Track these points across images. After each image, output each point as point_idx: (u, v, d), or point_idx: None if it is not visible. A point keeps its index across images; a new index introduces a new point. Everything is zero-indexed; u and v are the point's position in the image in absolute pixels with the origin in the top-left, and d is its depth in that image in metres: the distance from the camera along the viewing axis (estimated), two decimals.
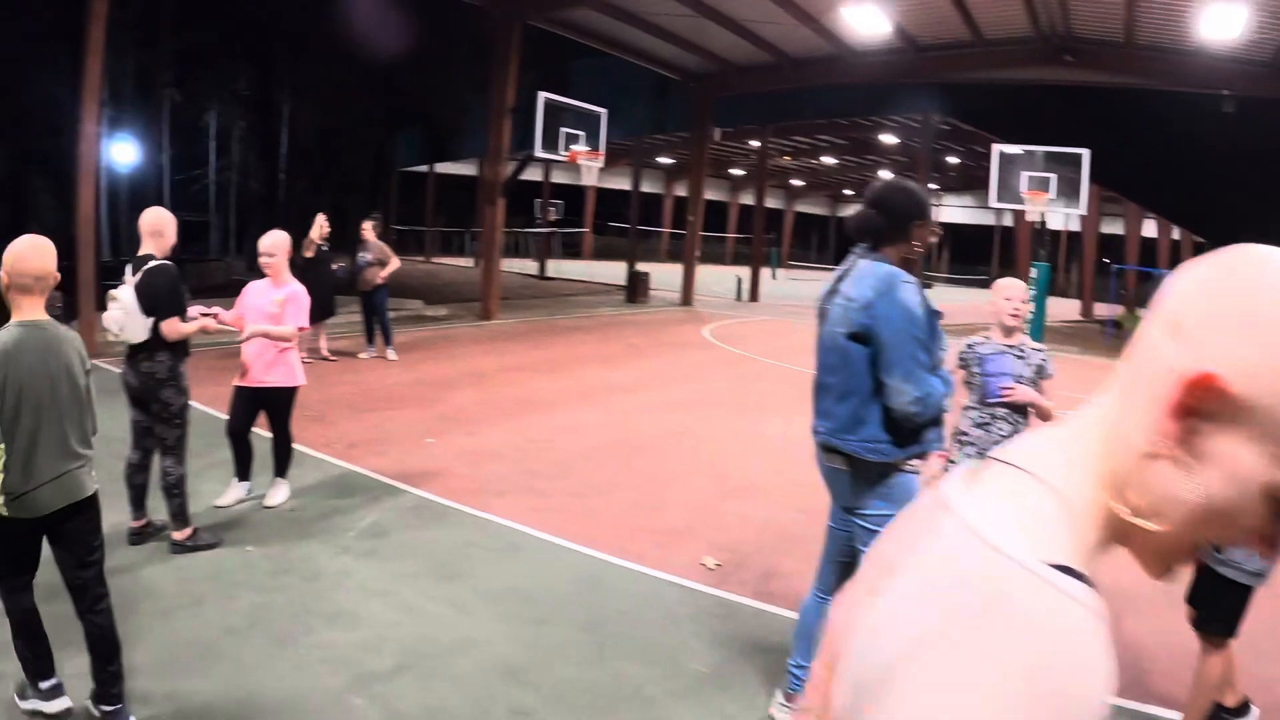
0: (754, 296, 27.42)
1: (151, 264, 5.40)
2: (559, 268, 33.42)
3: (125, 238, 27.72)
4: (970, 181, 41.42)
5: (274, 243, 6.49)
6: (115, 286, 5.49)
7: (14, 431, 3.42)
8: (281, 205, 32.54)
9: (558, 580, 5.37)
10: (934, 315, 3.48)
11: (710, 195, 45.98)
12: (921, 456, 3.60)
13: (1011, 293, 4.64)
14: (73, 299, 14.32)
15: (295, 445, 6.74)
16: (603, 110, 19.14)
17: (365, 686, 4.07)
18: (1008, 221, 40.49)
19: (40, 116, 28.31)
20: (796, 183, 50.96)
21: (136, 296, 5.33)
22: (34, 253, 3.53)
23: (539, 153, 17.52)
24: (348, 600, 4.99)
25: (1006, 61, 19.03)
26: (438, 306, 20.70)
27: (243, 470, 6.59)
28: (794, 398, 11.03)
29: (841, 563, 3.77)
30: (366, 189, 33.10)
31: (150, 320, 5.35)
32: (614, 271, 32.86)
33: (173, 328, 5.37)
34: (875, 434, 3.50)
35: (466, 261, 38.54)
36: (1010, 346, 4.62)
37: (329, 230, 12.49)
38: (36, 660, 3.59)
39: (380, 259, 12.99)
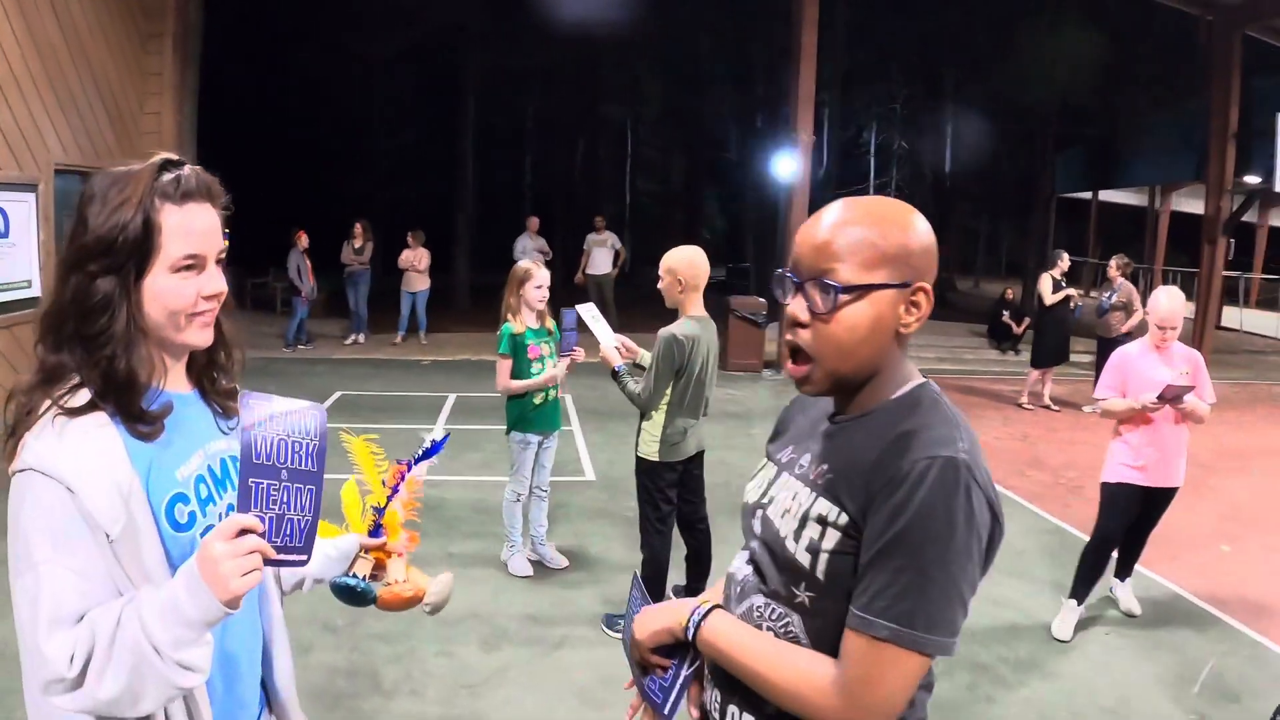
0: None
1: None
2: (1236, 318, 29.12)
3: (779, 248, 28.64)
4: None
5: (1173, 312, 5.07)
6: None
7: (684, 394, 4.48)
8: (941, 226, 31.88)
9: None
10: None
11: None
12: None
13: None
14: (777, 306, 14.41)
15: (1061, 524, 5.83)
16: None
17: None
18: None
19: (708, 132, 30.43)
20: None
21: None
22: (705, 261, 4.51)
23: (1278, 186, 14.75)
24: None
25: None
26: None
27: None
28: None
29: None
30: (1028, 215, 31.40)
31: None
32: None
33: None
34: None
35: None
36: None
37: (1068, 266, 11.35)
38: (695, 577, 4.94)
39: (1127, 304, 11.38)
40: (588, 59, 23.77)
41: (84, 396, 1.39)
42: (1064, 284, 11.73)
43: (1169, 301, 4.99)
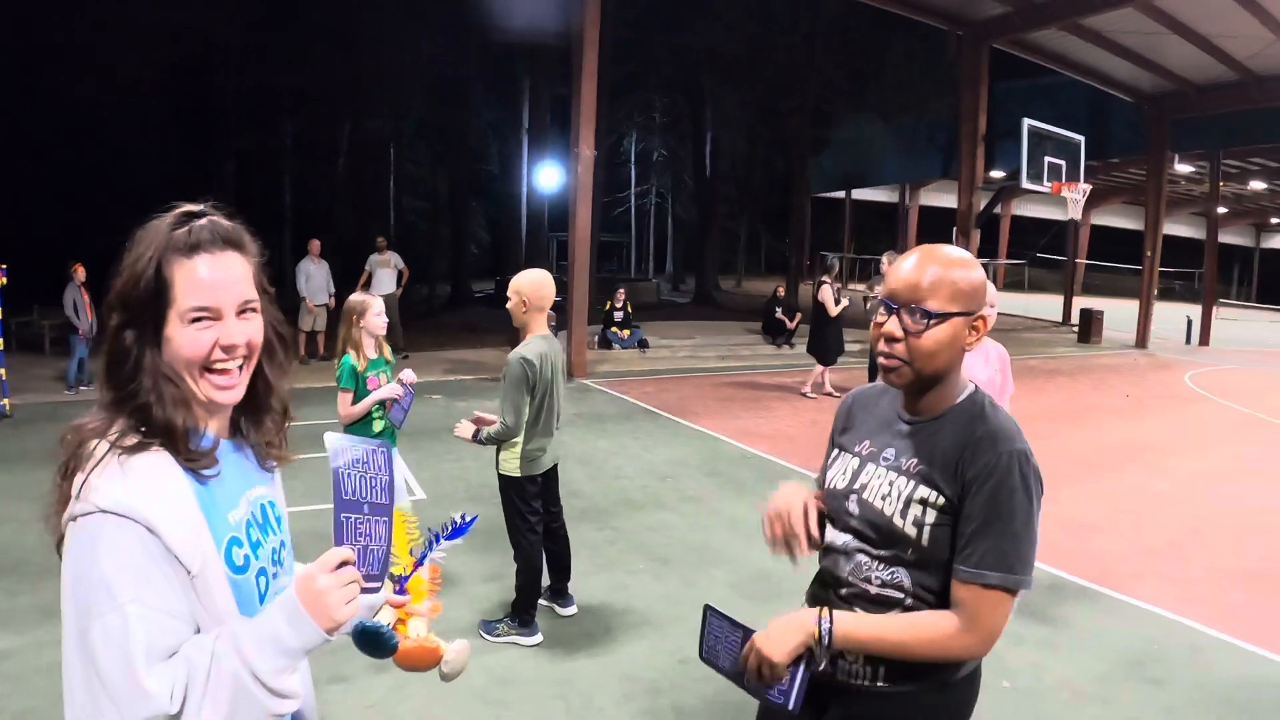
0: (1204, 339, 24.62)
1: None
2: None
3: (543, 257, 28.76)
4: None
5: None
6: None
7: (539, 411, 4.72)
8: (700, 230, 32.96)
9: (1264, 692, 4.63)
10: None
11: (1124, 224, 42.47)
12: None
13: None
14: (563, 316, 14.70)
15: None
16: (1080, 137, 17.87)
17: None
18: None
19: (472, 146, 30.44)
20: (1219, 210, 45.92)
21: None
22: (551, 283, 4.77)
23: (1025, 184, 16.45)
24: (1056, 709, 4.38)
25: None
26: None
27: None
28: None
29: None
30: (785, 215, 32.99)
31: None
32: (1040, 305, 31.04)
33: None
34: None
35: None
36: None
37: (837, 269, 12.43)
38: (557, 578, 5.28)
39: None
40: (348, 75, 23.39)
41: (137, 436, 1.38)
42: (838, 288, 12.67)
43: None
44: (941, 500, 1.90)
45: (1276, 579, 6.31)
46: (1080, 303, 27.68)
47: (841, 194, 36.95)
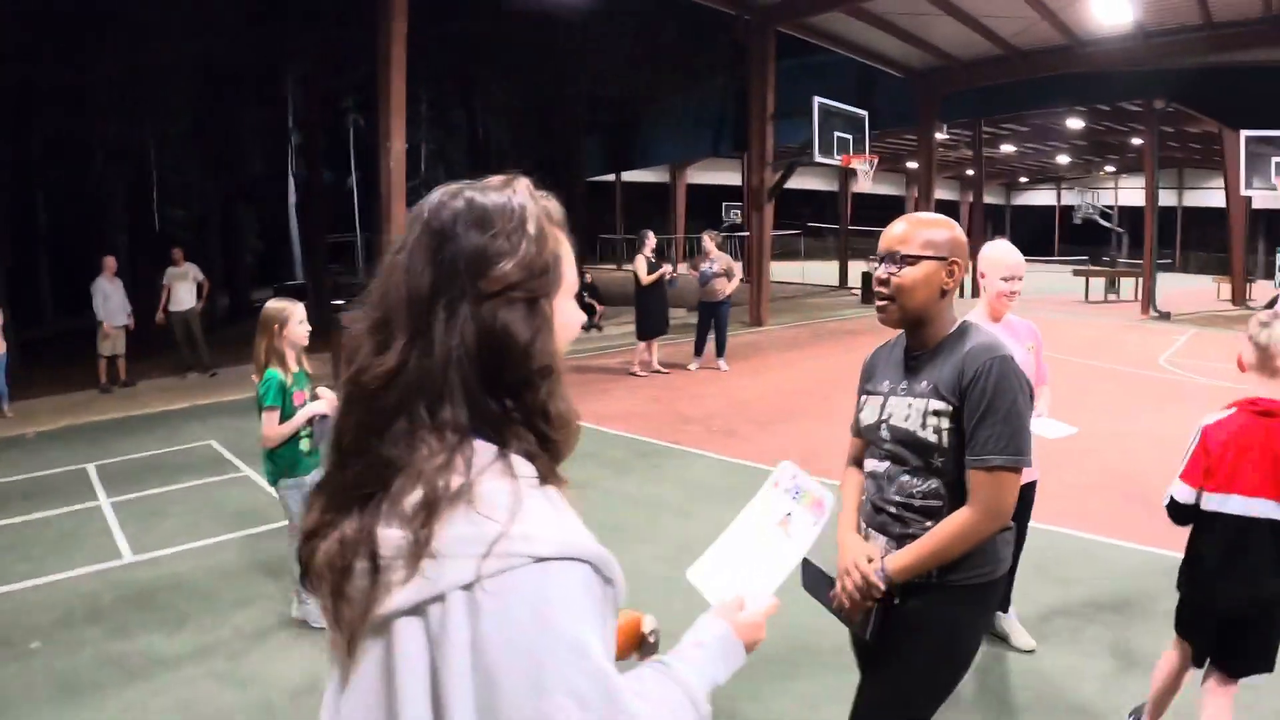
0: (975, 292, 26.53)
1: None
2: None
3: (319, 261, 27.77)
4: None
5: (1019, 262, 4.32)
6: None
7: None
8: None
9: (1152, 577, 5.29)
10: None
11: (882, 190, 45.15)
12: None
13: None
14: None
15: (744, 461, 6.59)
16: (864, 112, 19.28)
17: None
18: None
19: (244, 149, 29.09)
20: (971, 173, 49.96)
21: None
22: None
23: (817, 158, 17.60)
24: None
25: (1233, 45, 18.56)
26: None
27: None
28: (1122, 395, 11.52)
29: None
30: (560, 200, 32.96)
31: None
32: (815, 271, 32.75)
33: None
34: None
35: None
36: None
37: (655, 243, 12.91)
38: None
39: (727, 271, 12.93)
40: (106, 74, 21.85)
41: (522, 460, 1.14)
42: (654, 260, 12.98)
43: (1009, 249, 4.32)
44: (950, 409, 2.35)
45: (1120, 487, 7.36)
46: (854, 266, 29.26)
47: (611, 177, 37.60)
